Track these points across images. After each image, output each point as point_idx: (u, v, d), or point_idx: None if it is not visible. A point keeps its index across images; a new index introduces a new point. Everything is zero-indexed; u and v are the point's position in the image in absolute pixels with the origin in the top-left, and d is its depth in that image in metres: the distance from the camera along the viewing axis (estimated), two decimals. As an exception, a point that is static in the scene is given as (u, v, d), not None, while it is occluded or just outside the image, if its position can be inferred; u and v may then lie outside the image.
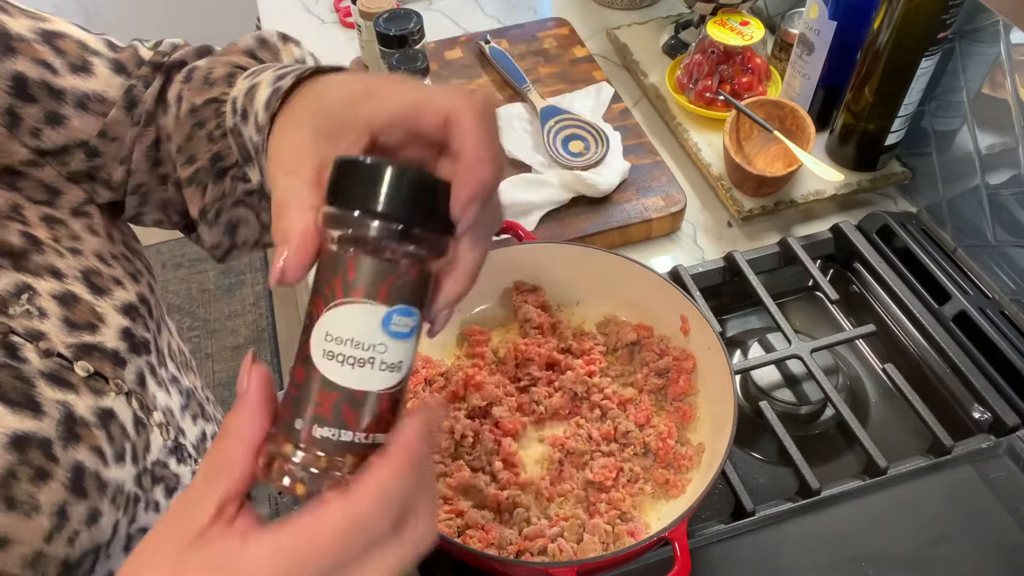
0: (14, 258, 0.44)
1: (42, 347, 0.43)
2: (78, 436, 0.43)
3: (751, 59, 0.95)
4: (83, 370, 0.44)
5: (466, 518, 0.59)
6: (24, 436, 0.40)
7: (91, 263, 0.48)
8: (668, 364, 0.67)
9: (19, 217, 0.46)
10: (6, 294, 0.43)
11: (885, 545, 0.62)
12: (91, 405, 0.44)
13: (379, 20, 0.91)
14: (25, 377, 0.42)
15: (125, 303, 0.49)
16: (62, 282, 0.46)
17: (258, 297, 2.22)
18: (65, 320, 0.45)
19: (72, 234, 0.49)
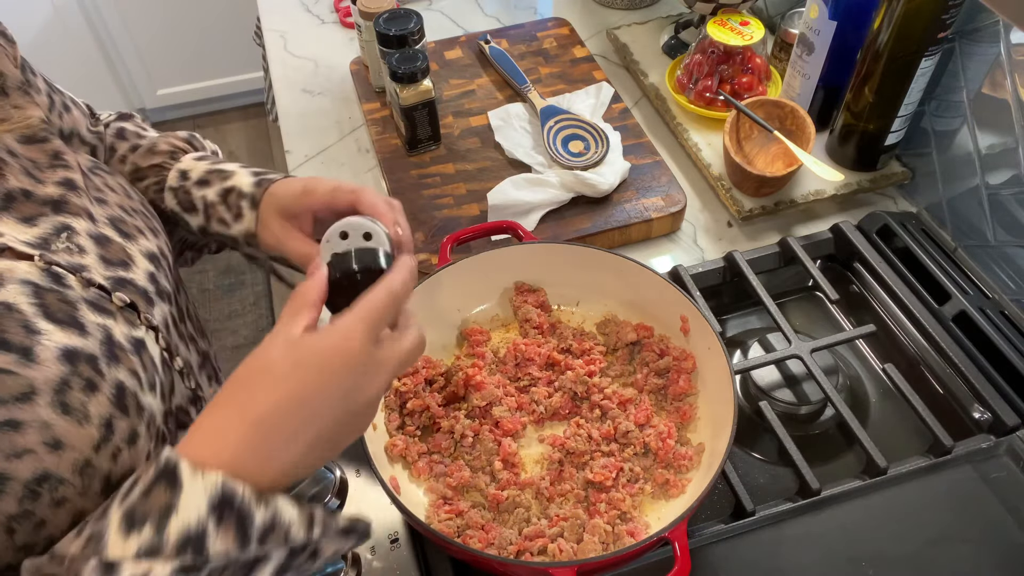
0: (54, 205, 0.49)
1: (84, 276, 0.47)
2: (118, 358, 0.46)
3: (751, 59, 0.95)
4: (119, 300, 0.48)
5: (466, 518, 0.59)
6: (74, 350, 0.43)
7: (116, 212, 0.53)
8: (668, 364, 0.67)
9: (61, 163, 0.51)
10: (47, 234, 0.47)
11: (885, 545, 0.62)
12: (126, 333, 0.48)
13: (379, 20, 0.91)
14: (70, 301, 0.45)
15: (149, 251, 0.54)
16: (95, 225, 0.51)
17: (258, 297, 2.22)
18: (101, 257, 0.49)
19: (96, 187, 0.54)
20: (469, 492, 0.62)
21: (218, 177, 0.63)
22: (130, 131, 0.68)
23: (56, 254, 0.47)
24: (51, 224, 0.48)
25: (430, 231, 0.86)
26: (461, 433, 0.64)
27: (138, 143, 0.67)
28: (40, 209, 0.48)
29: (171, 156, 0.65)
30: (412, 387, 0.66)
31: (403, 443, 0.63)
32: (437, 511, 0.59)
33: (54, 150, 0.52)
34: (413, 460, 0.63)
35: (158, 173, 0.65)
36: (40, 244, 0.47)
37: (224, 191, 0.62)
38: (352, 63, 1.09)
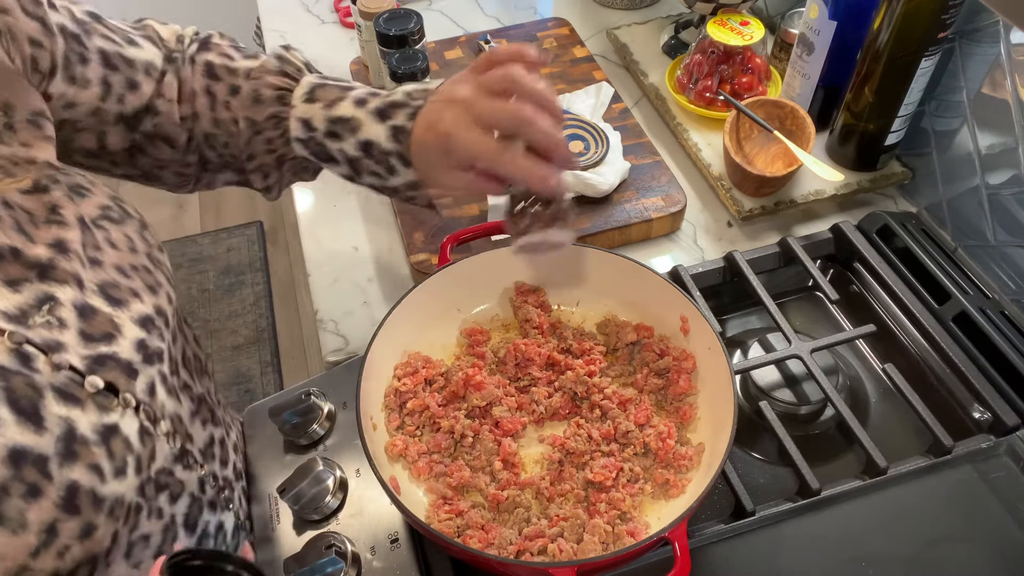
0: (41, 270, 0.46)
1: (55, 360, 0.44)
2: (76, 454, 0.43)
3: (751, 59, 0.95)
4: (92, 386, 0.45)
5: (466, 518, 0.59)
6: (21, 450, 0.40)
7: (109, 276, 0.50)
8: (668, 364, 0.67)
9: (56, 218, 0.48)
10: (27, 306, 0.44)
11: (885, 545, 0.62)
12: (94, 422, 0.45)
13: (379, 20, 0.91)
14: (37, 387, 0.42)
15: (142, 315, 0.50)
16: (83, 292, 0.47)
17: (258, 297, 2.22)
18: (82, 332, 0.46)
19: (95, 243, 0.50)
20: (469, 492, 0.62)
21: (347, 129, 0.62)
22: (218, 65, 0.65)
23: (32, 329, 0.44)
24: (34, 293, 0.45)
25: (430, 231, 0.86)
26: (461, 433, 0.64)
27: (235, 83, 0.65)
28: (26, 273, 0.45)
29: (280, 101, 0.63)
30: (412, 387, 0.66)
31: (403, 443, 0.63)
32: (437, 511, 0.59)
33: (52, 203, 0.48)
34: (413, 460, 0.63)
35: (276, 125, 0.64)
36: (18, 316, 0.44)
37: (362, 145, 0.62)
38: (352, 63, 1.09)
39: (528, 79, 0.56)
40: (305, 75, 0.66)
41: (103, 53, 0.59)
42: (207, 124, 0.65)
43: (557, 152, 0.56)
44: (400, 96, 0.62)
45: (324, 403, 0.69)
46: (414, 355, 0.68)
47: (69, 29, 0.56)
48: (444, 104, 0.59)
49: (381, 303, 0.84)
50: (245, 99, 0.64)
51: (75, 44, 0.56)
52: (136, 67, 0.61)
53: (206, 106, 0.65)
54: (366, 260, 0.88)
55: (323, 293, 0.85)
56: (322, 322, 0.83)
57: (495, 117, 0.56)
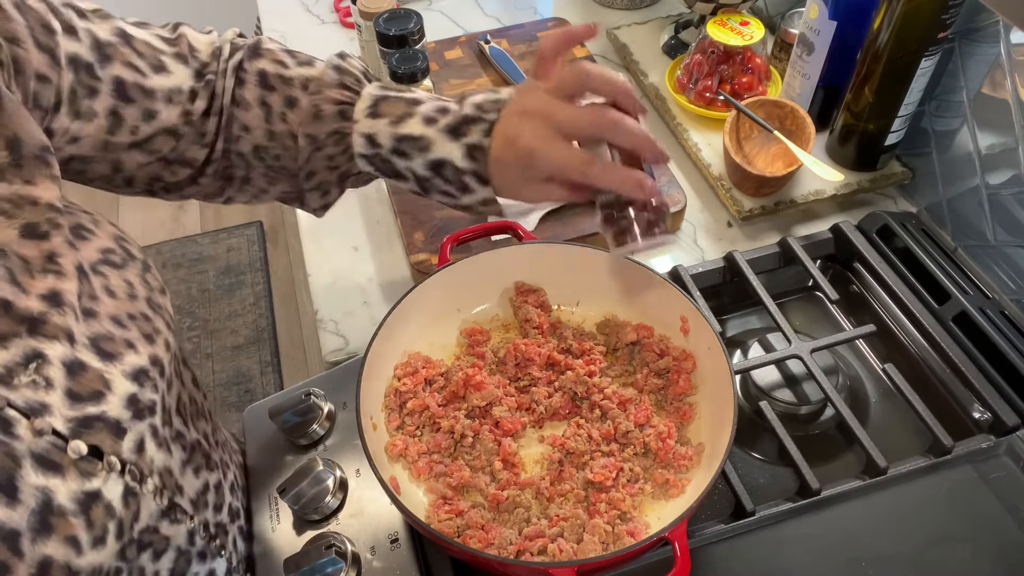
0: (31, 324, 0.43)
1: (36, 425, 0.41)
2: (51, 527, 0.41)
3: (751, 59, 0.95)
4: (75, 452, 0.43)
5: (466, 518, 0.59)
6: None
7: (104, 328, 0.47)
8: (668, 364, 0.67)
9: (53, 267, 0.45)
10: (14, 363, 0.42)
11: (885, 545, 0.62)
12: (75, 490, 0.42)
13: (379, 20, 0.91)
14: (15, 456, 0.40)
15: (135, 368, 0.48)
16: (74, 348, 0.45)
17: (258, 297, 2.22)
18: (69, 392, 0.44)
19: (91, 292, 0.48)
20: (469, 492, 0.62)
21: (415, 148, 0.59)
22: (272, 74, 0.62)
23: (16, 390, 0.41)
24: (21, 350, 0.42)
25: (430, 231, 0.86)
26: (461, 433, 0.64)
27: (290, 94, 0.61)
28: (15, 328, 0.42)
29: (342, 116, 0.60)
30: (412, 387, 0.66)
31: (403, 443, 0.63)
32: (437, 511, 0.59)
33: (51, 251, 0.45)
34: (413, 460, 0.63)
35: (338, 141, 0.61)
36: (2, 376, 0.41)
37: (433, 164, 0.59)
38: (352, 63, 1.09)
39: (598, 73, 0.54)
40: (365, 85, 0.63)
41: (118, 83, 0.55)
42: (260, 136, 0.62)
43: (646, 151, 0.55)
44: (471, 110, 0.59)
45: (324, 403, 0.69)
46: (414, 355, 0.68)
47: (82, 59, 0.53)
48: (520, 117, 0.56)
49: (381, 303, 0.84)
50: (304, 114, 0.61)
51: (85, 76, 0.53)
52: (156, 96, 0.58)
53: (260, 118, 0.61)
54: (366, 260, 0.88)
55: (323, 293, 0.85)
56: (322, 322, 0.83)
57: (576, 125, 0.54)
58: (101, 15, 0.56)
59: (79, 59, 0.52)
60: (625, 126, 0.54)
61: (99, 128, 0.55)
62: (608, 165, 0.54)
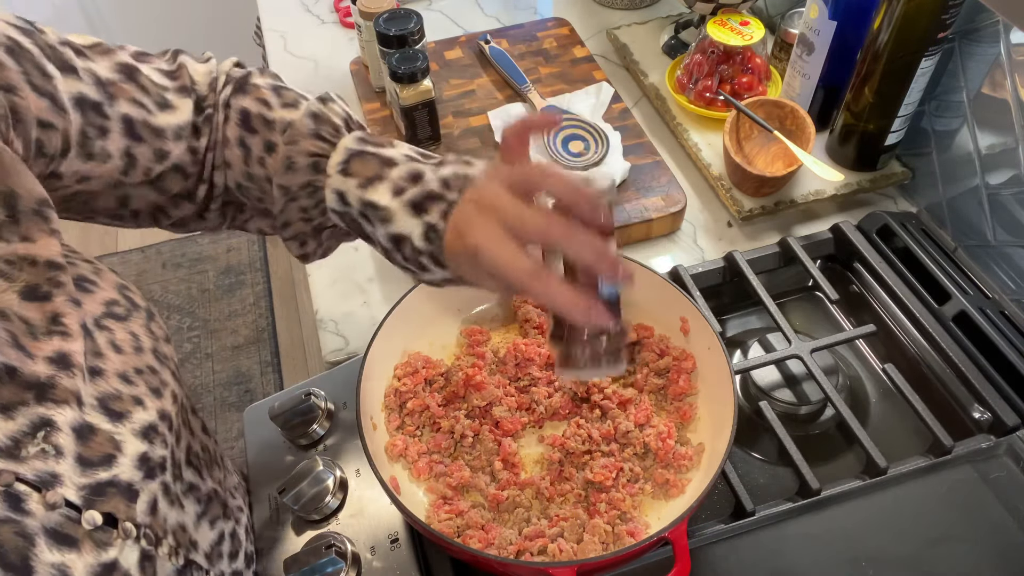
0: (39, 391, 0.41)
1: (49, 499, 0.40)
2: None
3: (751, 59, 0.95)
4: (89, 523, 0.41)
5: (466, 518, 0.59)
6: None
7: (111, 387, 0.46)
8: (668, 364, 0.67)
9: (59, 329, 0.43)
10: (21, 433, 0.40)
11: (885, 545, 0.62)
12: (91, 563, 0.41)
13: (379, 20, 0.91)
14: (27, 534, 0.38)
15: (144, 425, 0.47)
16: (82, 411, 0.43)
17: (258, 297, 2.22)
18: (79, 458, 0.42)
19: (96, 350, 0.46)
20: (469, 492, 0.62)
21: (378, 218, 0.54)
22: (254, 115, 0.58)
23: (25, 463, 0.39)
24: (29, 419, 0.40)
25: (430, 231, 0.86)
26: (461, 433, 0.64)
27: (270, 139, 0.57)
28: (22, 395, 0.40)
29: (315, 168, 0.56)
30: (412, 387, 0.66)
31: (403, 443, 0.63)
32: (437, 511, 0.59)
33: (54, 312, 0.43)
34: (413, 460, 0.63)
35: (311, 194, 0.57)
36: (10, 448, 0.39)
37: (393, 238, 0.54)
38: (352, 63, 1.09)
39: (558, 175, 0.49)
40: (343, 136, 0.58)
41: (127, 121, 0.52)
42: (240, 176, 0.59)
43: (602, 268, 0.48)
44: (437, 185, 0.54)
45: (324, 403, 0.69)
46: (414, 355, 0.68)
47: (89, 99, 0.50)
48: (474, 207, 0.51)
49: (381, 303, 0.84)
50: (278, 164, 0.57)
51: (94, 115, 0.50)
52: (166, 135, 0.55)
53: (239, 158, 0.58)
54: (366, 260, 0.88)
55: (323, 293, 0.85)
56: (322, 322, 0.83)
57: (523, 230, 0.48)
58: (100, 51, 0.53)
59: (85, 99, 0.50)
60: (576, 241, 0.47)
61: (113, 169, 0.53)
62: (553, 283, 0.48)
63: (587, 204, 0.49)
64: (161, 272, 2.28)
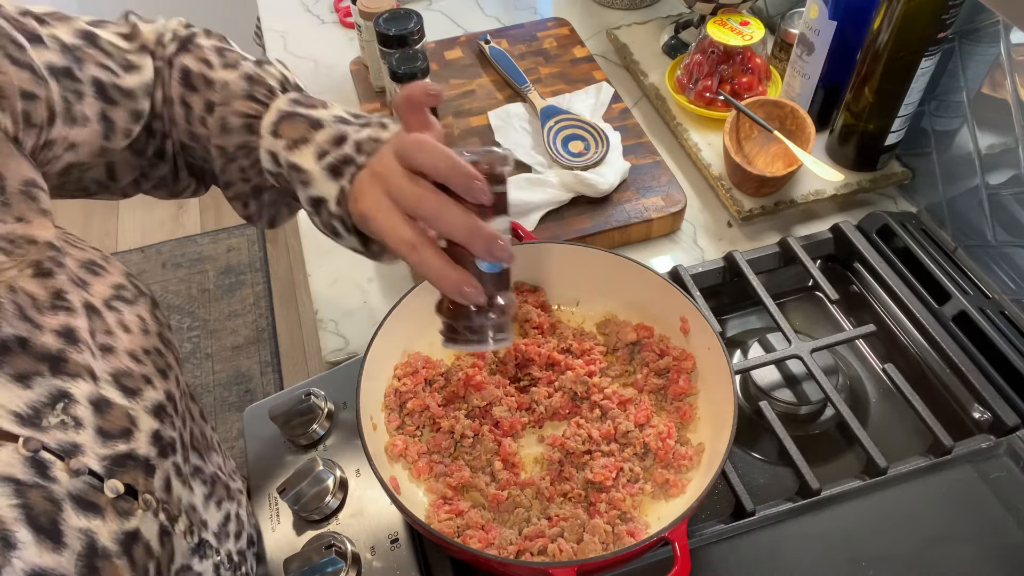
0: (52, 362, 0.42)
1: (72, 467, 0.41)
2: (98, 571, 0.40)
3: (751, 59, 0.95)
4: (112, 491, 0.42)
5: (466, 518, 0.59)
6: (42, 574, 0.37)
7: (122, 363, 0.47)
8: (668, 364, 0.67)
9: (63, 304, 0.44)
10: (41, 403, 0.41)
11: (885, 545, 0.62)
12: (115, 530, 0.42)
13: (379, 20, 0.91)
14: (55, 499, 0.39)
15: (155, 403, 0.48)
16: (97, 385, 0.44)
17: (258, 297, 2.22)
18: (99, 430, 0.43)
19: (106, 328, 0.47)
20: (469, 492, 0.62)
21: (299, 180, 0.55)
22: (195, 74, 0.58)
23: (47, 431, 0.41)
24: (47, 389, 0.41)
25: (430, 231, 0.86)
26: (461, 433, 0.64)
27: (210, 98, 0.58)
28: (37, 366, 0.41)
29: (248, 129, 0.57)
30: (412, 387, 0.66)
31: (403, 443, 0.63)
32: (437, 511, 0.59)
33: (57, 288, 0.44)
34: (413, 460, 0.63)
35: (247, 155, 0.58)
36: (31, 417, 0.40)
37: (313, 201, 0.55)
38: (352, 63, 1.09)
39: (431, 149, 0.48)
40: (276, 98, 0.58)
41: (98, 84, 0.53)
42: (184, 135, 0.60)
43: (475, 247, 0.48)
44: (351, 148, 0.54)
45: (324, 403, 0.69)
46: (414, 355, 0.68)
47: (58, 65, 0.50)
48: (370, 175, 0.52)
49: (381, 303, 0.84)
50: (214, 126, 0.58)
51: (68, 81, 0.51)
52: (136, 95, 0.56)
53: (182, 116, 0.59)
54: (366, 260, 0.88)
55: (323, 293, 0.85)
56: (322, 322, 0.83)
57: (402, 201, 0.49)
58: (58, 17, 0.54)
59: (55, 66, 0.50)
60: (444, 217, 0.47)
61: (94, 133, 0.54)
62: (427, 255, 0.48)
63: (460, 179, 0.48)
64: (161, 272, 2.28)
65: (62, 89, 0.51)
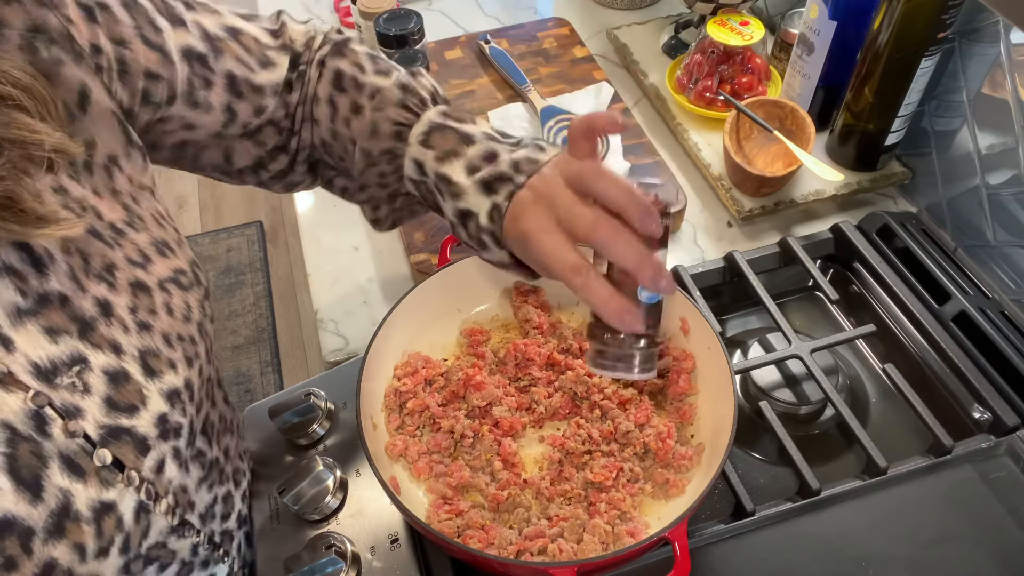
0: (82, 326, 0.44)
1: (70, 428, 0.42)
2: (64, 531, 0.41)
3: (751, 59, 0.95)
4: (100, 460, 0.44)
5: (466, 518, 0.59)
6: (11, 520, 0.39)
7: (153, 343, 0.48)
8: (668, 364, 0.67)
9: (108, 278, 0.46)
10: (59, 362, 0.43)
11: (885, 545, 0.62)
12: (93, 497, 0.43)
13: (379, 20, 0.91)
14: (42, 456, 0.41)
15: (171, 389, 0.49)
16: (119, 358, 0.46)
17: (258, 297, 2.22)
18: (107, 400, 0.45)
19: (151, 306, 0.48)
20: (469, 492, 0.62)
21: (449, 192, 0.57)
22: (348, 76, 0.61)
23: (56, 390, 0.42)
24: (69, 350, 0.43)
25: (430, 231, 0.86)
26: (461, 433, 0.64)
27: (358, 100, 0.60)
28: (68, 325, 0.43)
29: (398, 136, 0.59)
30: (412, 387, 0.66)
31: (403, 443, 0.63)
32: (437, 511, 0.59)
33: (111, 261, 0.46)
34: (413, 460, 0.63)
35: (391, 160, 0.60)
36: (48, 372, 0.42)
37: (461, 213, 0.56)
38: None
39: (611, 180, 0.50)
40: (428, 109, 0.60)
41: (230, 77, 0.56)
42: (326, 133, 0.62)
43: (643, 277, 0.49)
44: (507, 167, 0.55)
45: (324, 403, 0.69)
46: (414, 355, 0.68)
47: (196, 50, 0.54)
48: (533, 195, 0.53)
49: (381, 303, 0.84)
50: (363, 128, 0.60)
51: (199, 67, 0.54)
52: (265, 92, 0.59)
53: (327, 115, 0.61)
54: (366, 260, 0.88)
55: (323, 293, 0.85)
56: (322, 322, 0.83)
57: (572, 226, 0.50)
58: (209, 9, 0.57)
59: (192, 50, 0.53)
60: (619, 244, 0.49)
61: (215, 121, 0.57)
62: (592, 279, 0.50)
63: (637, 210, 0.49)
64: (161, 272, 2.28)
65: (191, 73, 0.53)
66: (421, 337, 0.69)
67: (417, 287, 0.67)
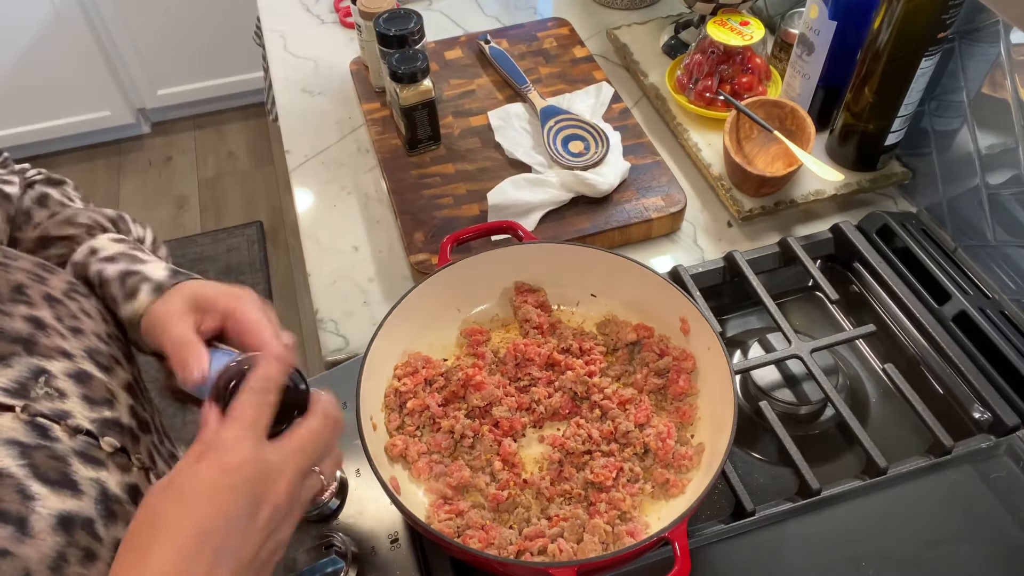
0: (25, 344, 0.46)
1: (70, 424, 0.44)
2: (114, 513, 0.43)
3: (751, 59, 0.95)
4: (109, 446, 0.46)
5: (466, 518, 0.59)
6: (69, 516, 0.40)
7: (93, 343, 0.50)
8: (668, 364, 0.67)
9: (23, 298, 0.48)
10: (24, 378, 0.44)
11: (885, 545, 0.62)
12: (120, 481, 0.45)
13: (379, 20, 0.91)
14: (60, 456, 0.43)
15: (126, 382, 0.51)
16: (73, 361, 0.48)
17: (258, 297, 2.22)
18: (84, 397, 0.47)
19: (71, 313, 0.51)
20: (469, 492, 0.62)
21: (128, 260, 0.57)
22: (54, 199, 0.62)
23: (37, 401, 0.44)
24: (26, 366, 0.45)
25: (430, 231, 0.86)
26: (461, 433, 0.64)
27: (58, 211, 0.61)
28: (11, 347, 0.45)
29: (88, 231, 0.60)
30: (412, 387, 0.66)
31: (403, 443, 0.63)
32: (437, 511, 0.59)
33: (16, 282, 0.48)
34: (413, 460, 0.63)
35: (67, 246, 0.59)
36: (18, 390, 0.44)
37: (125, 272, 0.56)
38: (352, 63, 1.09)
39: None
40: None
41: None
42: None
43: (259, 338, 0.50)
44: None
45: (324, 403, 0.69)
46: (414, 355, 0.68)
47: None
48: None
49: (381, 303, 0.84)
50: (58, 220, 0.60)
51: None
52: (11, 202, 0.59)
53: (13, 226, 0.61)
54: (366, 260, 0.88)
55: (323, 293, 0.85)
56: (322, 322, 0.83)
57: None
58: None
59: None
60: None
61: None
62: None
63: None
64: (161, 272, 2.28)
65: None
66: (421, 337, 0.69)
67: (417, 287, 0.67)
